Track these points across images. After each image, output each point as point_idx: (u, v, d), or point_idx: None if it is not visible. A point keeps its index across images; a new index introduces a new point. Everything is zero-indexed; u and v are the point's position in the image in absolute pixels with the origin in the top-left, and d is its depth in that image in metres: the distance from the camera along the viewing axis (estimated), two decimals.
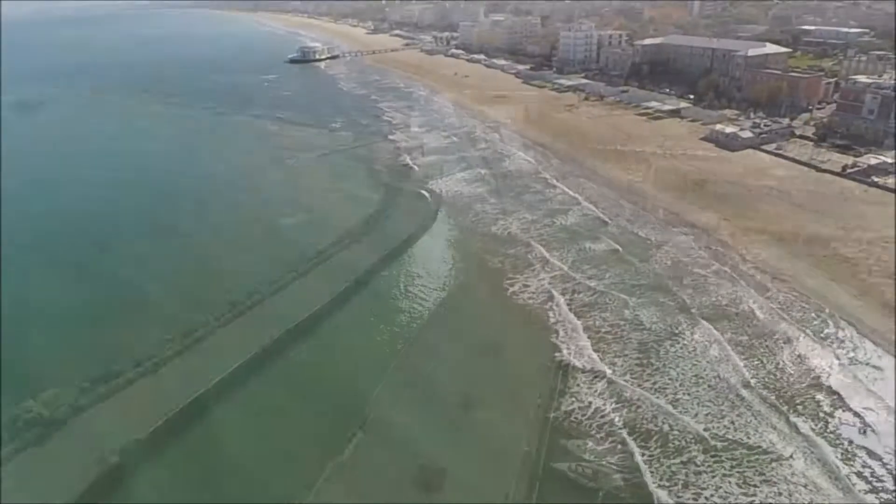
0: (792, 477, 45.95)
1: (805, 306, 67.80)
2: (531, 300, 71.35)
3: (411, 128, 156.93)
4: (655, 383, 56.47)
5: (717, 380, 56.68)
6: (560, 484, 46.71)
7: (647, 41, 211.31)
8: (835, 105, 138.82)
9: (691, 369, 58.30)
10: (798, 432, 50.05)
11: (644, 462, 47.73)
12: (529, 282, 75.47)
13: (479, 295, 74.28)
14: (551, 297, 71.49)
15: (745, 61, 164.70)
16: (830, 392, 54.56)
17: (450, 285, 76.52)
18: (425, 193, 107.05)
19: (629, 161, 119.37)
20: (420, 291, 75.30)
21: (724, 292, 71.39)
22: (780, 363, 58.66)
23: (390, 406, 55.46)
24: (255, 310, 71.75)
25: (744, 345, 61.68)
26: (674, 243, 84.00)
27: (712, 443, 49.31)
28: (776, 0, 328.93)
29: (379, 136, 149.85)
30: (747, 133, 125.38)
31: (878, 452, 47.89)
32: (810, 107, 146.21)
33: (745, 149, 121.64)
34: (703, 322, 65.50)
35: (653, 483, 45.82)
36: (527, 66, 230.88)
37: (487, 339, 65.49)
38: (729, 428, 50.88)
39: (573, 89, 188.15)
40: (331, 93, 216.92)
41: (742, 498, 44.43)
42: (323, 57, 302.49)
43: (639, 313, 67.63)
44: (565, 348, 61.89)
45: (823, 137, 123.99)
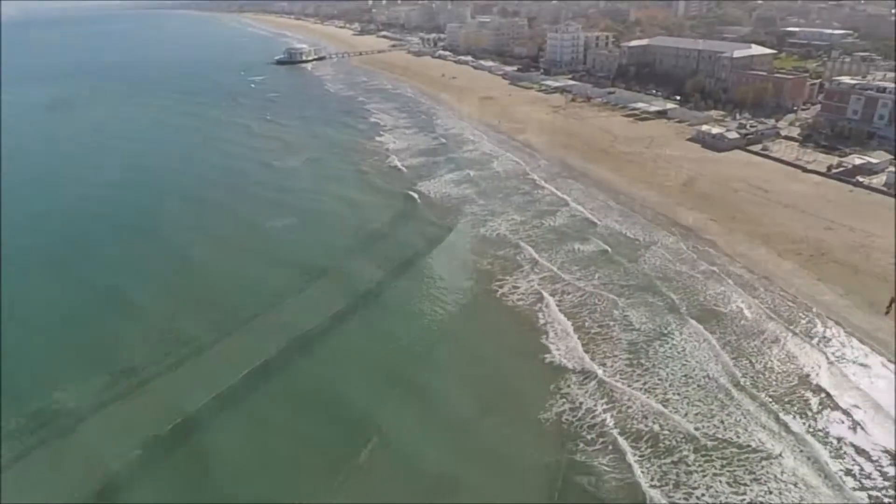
0: (782, 475, 46.18)
1: (792, 306, 68.26)
2: (521, 301, 71.32)
3: (399, 129, 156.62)
4: (646, 383, 56.58)
5: (707, 379, 56.88)
6: (558, 483, 46.73)
7: (634, 43, 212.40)
8: (819, 106, 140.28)
9: (681, 369, 58.46)
10: (787, 430, 50.32)
11: (636, 462, 47.80)
12: (519, 283, 75.46)
13: (469, 297, 73.94)
14: (541, 298, 71.50)
15: (730, 62, 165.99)
16: (819, 390, 54.92)
17: (439, 288, 76.14)
18: (414, 195, 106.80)
19: (617, 162, 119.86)
20: (409, 294, 75.02)
21: (712, 292, 71.71)
22: (768, 362, 58.99)
23: (386, 412, 55.07)
24: (239, 312, 71.58)
25: (732, 344, 61.98)
26: (662, 244, 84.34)
27: (703, 442, 49.46)
28: (760, 1, 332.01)
29: (366, 138, 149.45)
30: (733, 134, 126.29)
31: (867, 449, 48.26)
32: (795, 108, 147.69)
33: (732, 149, 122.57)
34: (692, 322, 65.76)
35: (645, 483, 45.86)
36: (514, 68, 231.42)
37: (479, 341, 65.37)
38: (719, 427, 51.05)
39: (560, 91, 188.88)
40: (318, 94, 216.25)
41: (733, 497, 44.56)
42: (310, 58, 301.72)
43: (628, 314, 67.81)
44: (555, 349, 61.90)
45: (808, 138, 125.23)
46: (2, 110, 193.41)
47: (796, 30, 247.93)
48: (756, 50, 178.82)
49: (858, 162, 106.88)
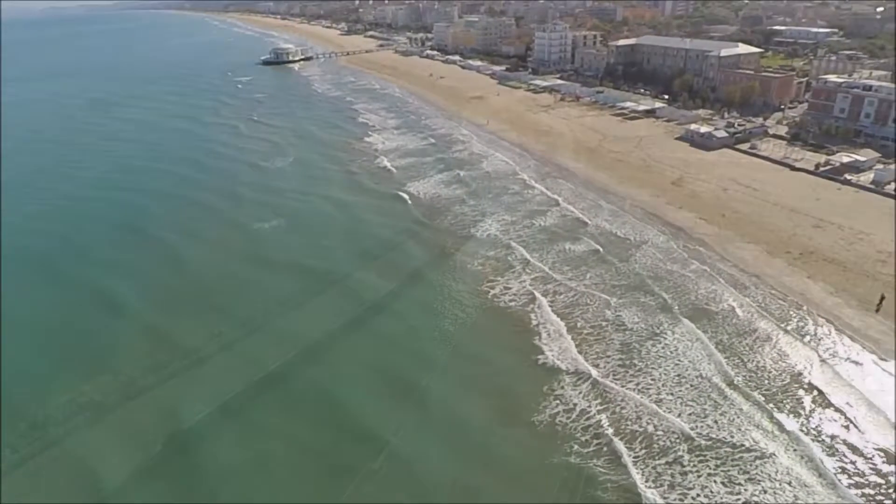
0: (776, 474, 46.16)
1: (783, 304, 68.44)
2: (513, 302, 71.04)
3: (388, 130, 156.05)
4: (639, 384, 56.45)
5: (700, 378, 56.86)
6: (553, 484, 46.57)
7: (622, 42, 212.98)
8: (806, 104, 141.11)
9: (674, 368, 58.38)
10: (781, 429, 50.35)
11: (632, 462, 47.66)
12: (511, 284, 75.20)
13: (461, 298, 73.38)
14: (534, 298, 71.28)
15: (718, 61, 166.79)
16: (811, 388, 55.06)
17: (431, 289, 75.64)
18: (404, 196, 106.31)
19: (606, 161, 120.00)
20: (401, 297, 74.50)
21: (703, 291, 71.80)
22: (761, 360, 59.09)
23: (379, 415, 54.61)
24: (230, 316, 70.97)
25: (725, 343, 62.01)
26: (653, 243, 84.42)
27: (697, 442, 49.39)
28: (746, 0, 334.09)
29: (355, 139, 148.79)
30: (722, 132, 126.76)
31: (861, 447, 48.38)
32: (783, 106, 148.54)
33: (721, 148, 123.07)
34: (684, 321, 65.75)
35: (641, 483, 45.74)
36: (502, 67, 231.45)
37: (472, 342, 64.81)
38: (713, 427, 51.00)
39: (549, 90, 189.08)
40: (305, 95, 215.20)
41: (728, 498, 44.49)
42: (296, 58, 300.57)
43: (621, 313, 67.72)
44: (548, 350, 61.68)
45: (796, 136, 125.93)
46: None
47: (782, 28, 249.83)
48: (743, 49, 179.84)
49: (846, 160, 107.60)
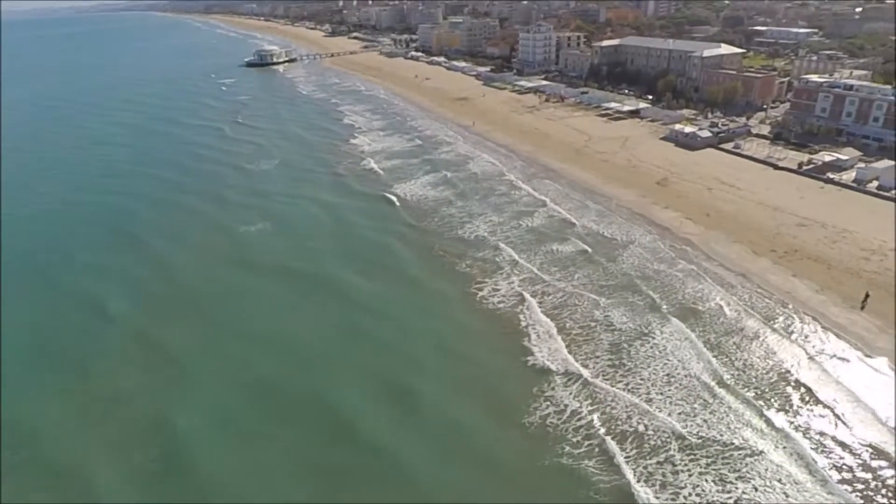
0: (767, 472, 46.40)
1: (770, 302, 68.92)
2: (502, 304, 70.97)
3: (374, 131, 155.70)
4: (629, 384, 56.59)
5: (690, 377, 57.10)
6: (547, 484, 46.48)
7: (606, 43, 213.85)
8: (788, 104, 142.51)
9: (664, 368, 58.57)
10: (771, 426, 50.64)
11: (624, 462, 47.74)
12: (500, 285, 75.17)
13: (450, 299, 73.16)
14: (523, 299, 71.30)
15: (701, 62, 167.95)
16: (800, 385, 55.49)
17: (419, 291, 75.47)
18: (391, 197, 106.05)
19: (592, 162, 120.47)
20: (390, 299, 74.10)
21: (690, 290, 72.18)
22: (749, 359, 59.44)
23: (369, 417, 54.28)
24: (215, 321, 70.49)
25: (713, 342, 62.33)
26: (640, 243, 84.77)
27: (688, 441, 49.56)
28: (727, 1, 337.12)
29: (341, 140, 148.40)
30: (706, 132, 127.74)
31: (850, 443, 48.76)
32: (765, 106, 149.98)
33: (705, 148, 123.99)
34: (673, 320, 66.00)
35: (634, 482, 45.84)
36: (487, 69, 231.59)
37: (462, 344, 64.59)
38: (703, 425, 51.19)
39: (534, 91, 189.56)
40: (290, 96, 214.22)
41: (718, 496, 44.66)
42: (281, 60, 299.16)
43: (610, 313, 67.89)
44: (538, 351, 61.67)
45: (779, 136, 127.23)
46: None
47: (763, 29, 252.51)
48: (725, 49, 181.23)
49: (828, 159, 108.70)
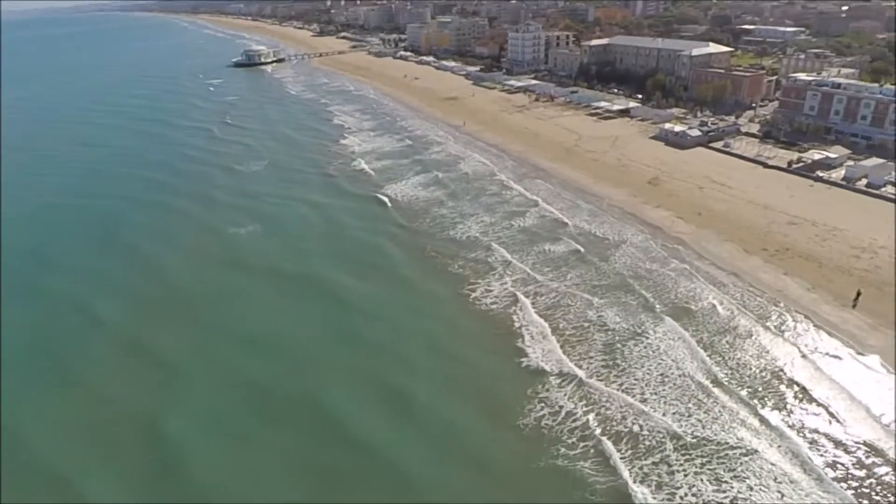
0: (762, 470, 46.45)
1: (762, 301, 69.10)
2: (495, 305, 70.74)
3: (364, 132, 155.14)
4: (624, 384, 56.52)
5: (684, 377, 57.09)
6: (543, 485, 46.32)
7: (595, 42, 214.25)
8: (777, 102, 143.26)
9: (658, 367, 58.55)
10: (766, 425, 50.72)
11: (620, 462, 47.66)
12: (492, 285, 74.94)
13: (443, 301, 72.87)
14: (516, 300, 71.12)
15: (690, 61, 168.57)
16: (793, 384, 55.63)
17: (412, 292, 75.13)
18: (382, 198, 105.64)
19: (583, 161, 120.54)
20: (382, 300, 73.71)
21: (683, 289, 72.23)
22: (743, 357, 59.55)
23: (364, 420, 53.88)
24: (208, 324, 70.04)
25: (706, 341, 62.38)
26: (632, 242, 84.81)
27: (683, 440, 49.53)
28: (715, 0, 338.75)
29: (331, 141, 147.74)
30: (696, 131, 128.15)
31: (844, 441, 48.93)
32: (754, 104, 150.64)
33: (695, 146, 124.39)
34: (666, 319, 66.04)
35: (632, 483, 45.76)
36: (477, 68, 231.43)
37: (455, 345, 64.32)
38: (698, 425, 51.18)
39: (524, 90, 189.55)
40: (279, 97, 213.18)
41: (714, 496, 44.65)
42: (269, 60, 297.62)
43: (603, 313, 67.83)
44: (532, 352, 61.48)
45: (768, 134, 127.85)
46: None
47: (751, 28, 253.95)
48: (714, 48, 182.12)
49: (817, 157, 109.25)
